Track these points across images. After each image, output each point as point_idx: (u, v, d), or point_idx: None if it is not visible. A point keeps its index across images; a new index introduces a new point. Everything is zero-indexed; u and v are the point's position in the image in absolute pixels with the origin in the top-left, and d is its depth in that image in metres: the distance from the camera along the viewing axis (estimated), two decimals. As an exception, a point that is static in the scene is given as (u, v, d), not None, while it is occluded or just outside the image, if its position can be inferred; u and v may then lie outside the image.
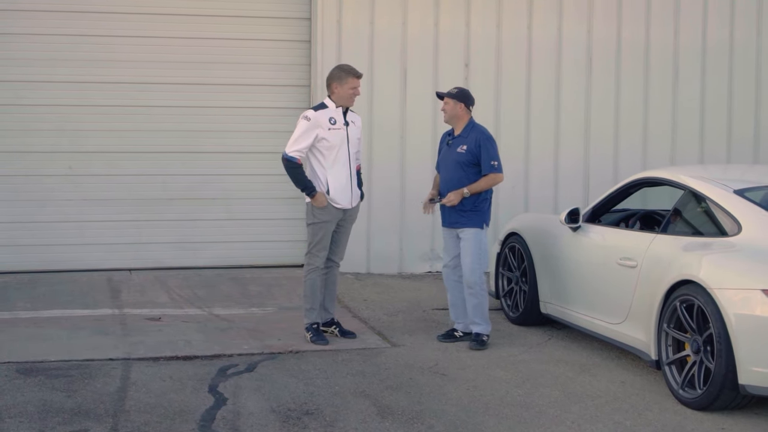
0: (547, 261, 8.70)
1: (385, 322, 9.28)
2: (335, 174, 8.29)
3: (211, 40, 11.29)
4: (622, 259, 7.61)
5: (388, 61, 11.35)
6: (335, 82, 8.30)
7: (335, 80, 8.30)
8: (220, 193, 11.43)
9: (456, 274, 8.52)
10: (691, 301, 6.72)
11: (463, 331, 8.54)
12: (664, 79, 12.16)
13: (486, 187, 8.22)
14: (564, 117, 11.93)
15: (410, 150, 11.51)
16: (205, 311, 9.49)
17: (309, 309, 8.42)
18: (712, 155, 12.32)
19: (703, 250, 6.89)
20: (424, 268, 11.69)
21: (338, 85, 8.28)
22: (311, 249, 8.37)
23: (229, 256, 11.46)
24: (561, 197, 11.89)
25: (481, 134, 8.32)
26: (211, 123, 11.35)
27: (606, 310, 7.84)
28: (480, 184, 8.21)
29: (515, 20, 11.72)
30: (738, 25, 12.31)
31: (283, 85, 11.44)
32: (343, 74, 8.30)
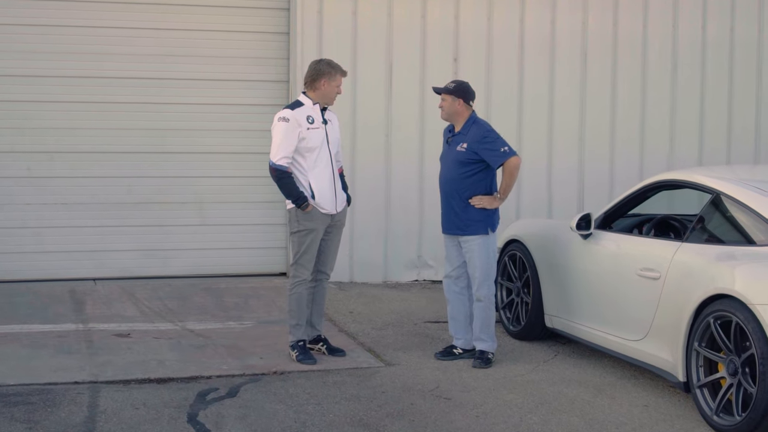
0: (554, 271, 8.00)
1: (375, 337, 8.54)
2: (317, 177, 7.56)
3: (181, 32, 10.51)
4: (643, 269, 6.91)
5: (372, 54, 10.62)
6: (325, 78, 7.57)
7: (325, 76, 7.57)
8: (192, 197, 10.66)
9: (458, 285, 7.80)
10: (728, 317, 6.04)
11: (463, 348, 7.82)
12: (662, 73, 11.53)
13: (512, 180, 7.49)
14: (558, 114, 11.26)
15: (396, 150, 10.80)
16: (177, 326, 8.71)
17: (295, 325, 7.68)
18: (711, 153, 11.71)
19: (738, 260, 6.21)
20: (410, 276, 10.96)
21: (327, 82, 7.57)
22: (298, 260, 7.63)
23: (201, 265, 10.69)
24: (555, 200, 11.23)
25: (481, 128, 7.61)
26: (182, 121, 10.58)
27: (623, 325, 7.15)
28: (505, 180, 7.49)
29: (506, 12, 11.03)
30: (738, 19, 11.70)
31: (260, 80, 10.69)
32: (333, 71, 7.60)
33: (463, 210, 7.61)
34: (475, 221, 7.59)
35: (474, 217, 7.58)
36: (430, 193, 10.76)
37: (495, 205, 7.60)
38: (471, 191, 7.59)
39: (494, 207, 7.60)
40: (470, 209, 7.58)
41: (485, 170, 7.60)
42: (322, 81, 7.55)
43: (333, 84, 7.57)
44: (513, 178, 7.53)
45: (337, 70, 7.59)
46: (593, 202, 11.29)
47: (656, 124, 11.55)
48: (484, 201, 7.57)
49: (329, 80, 7.55)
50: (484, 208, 7.56)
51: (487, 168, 7.59)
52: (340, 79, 7.61)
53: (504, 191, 7.57)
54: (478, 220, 7.59)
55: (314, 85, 7.60)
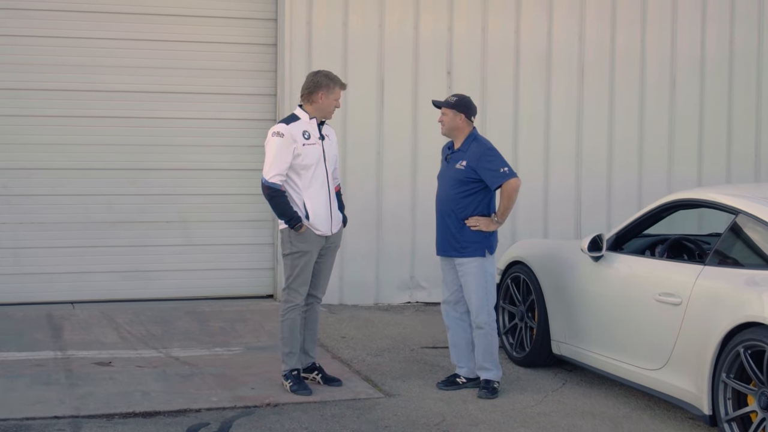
0: (561, 294, 7.58)
1: (371, 364, 8.09)
2: (312, 196, 7.13)
3: (164, 43, 10.07)
4: (662, 294, 6.50)
5: (363, 67, 10.20)
6: (323, 90, 7.13)
7: (323, 89, 7.13)
8: (175, 215, 10.18)
9: (457, 311, 7.37)
10: (760, 347, 5.64)
11: (467, 377, 7.39)
12: (661, 87, 11.18)
13: (510, 203, 7.08)
14: (554, 129, 10.88)
15: (388, 167, 10.37)
16: (161, 353, 8.23)
17: (288, 353, 7.22)
18: (710, 171, 11.35)
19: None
20: (403, 298, 10.52)
21: (325, 95, 7.14)
22: (290, 283, 7.18)
23: (185, 287, 10.22)
24: (551, 219, 10.83)
25: (482, 146, 7.20)
26: (165, 136, 10.11)
27: (639, 353, 6.73)
28: (503, 203, 7.08)
29: (501, 23, 10.66)
30: (738, 32, 11.37)
31: (246, 93, 10.25)
32: (332, 83, 7.16)
33: (459, 231, 7.20)
34: (472, 243, 7.18)
35: (470, 239, 7.17)
36: (423, 212, 10.38)
37: (492, 227, 7.19)
38: (468, 211, 7.18)
39: (491, 230, 7.19)
40: (466, 230, 7.17)
41: (484, 190, 7.19)
42: (320, 94, 7.13)
43: (331, 97, 7.15)
44: (511, 201, 7.12)
45: (335, 83, 7.17)
46: (591, 221, 10.94)
47: (655, 140, 11.20)
48: (481, 223, 7.16)
49: (327, 93, 7.13)
50: (480, 230, 7.15)
51: (486, 188, 7.18)
52: (339, 92, 7.19)
53: (502, 214, 7.17)
54: (474, 241, 7.17)
55: (311, 98, 7.18)
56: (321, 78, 7.17)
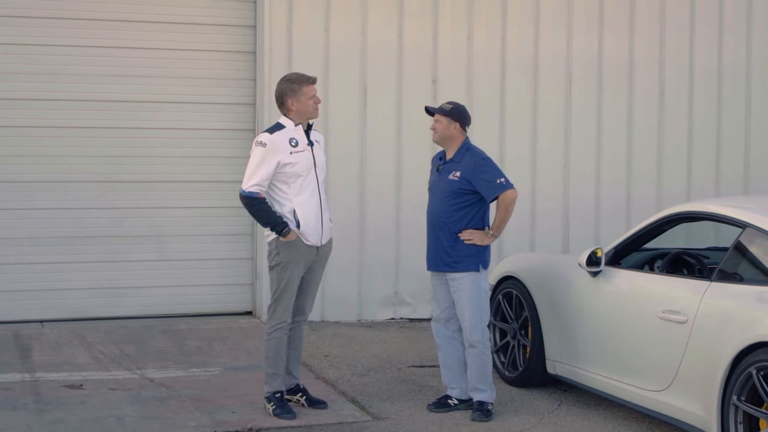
0: (557, 311, 7.25)
1: (357, 384, 7.72)
2: (302, 203, 6.76)
3: (137, 50, 9.66)
4: (666, 312, 6.18)
5: (346, 75, 9.85)
6: (289, 97, 6.77)
7: (288, 95, 6.77)
8: (149, 230, 9.78)
9: (449, 329, 7.03)
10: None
11: (459, 398, 7.04)
12: (649, 97, 10.89)
13: (507, 215, 6.77)
14: (540, 140, 10.57)
15: (371, 178, 10.02)
16: (136, 374, 7.82)
17: (272, 374, 6.85)
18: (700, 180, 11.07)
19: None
20: (386, 314, 10.16)
21: (294, 101, 6.76)
22: (277, 298, 6.81)
23: (159, 304, 9.81)
24: (538, 231, 10.49)
25: (476, 156, 6.87)
26: (139, 147, 9.71)
27: (641, 374, 6.41)
28: (499, 215, 6.75)
29: (487, 31, 10.34)
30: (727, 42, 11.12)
31: (223, 102, 9.87)
32: (295, 85, 6.78)
33: (451, 245, 6.86)
34: (465, 257, 6.84)
35: (463, 253, 6.83)
36: (407, 224, 10.05)
37: (486, 241, 6.85)
38: (462, 224, 6.85)
39: (485, 244, 6.86)
40: (459, 244, 6.83)
41: (479, 202, 6.86)
42: (289, 101, 6.77)
43: (302, 99, 6.76)
44: (508, 214, 6.79)
45: (301, 83, 6.78)
46: (579, 234, 10.64)
47: (643, 150, 10.91)
48: (475, 236, 6.82)
49: (295, 98, 6.76)
50: (474, 244, 6.82)
51: (481, 200, 6.85)
52: (310, 88, 6.77)
53: (497, 227, 6.84)
54: (468, 255, 6.83)
55: (284, 107, 6.83)
56: (283, 85, 6.82)
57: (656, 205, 10.87)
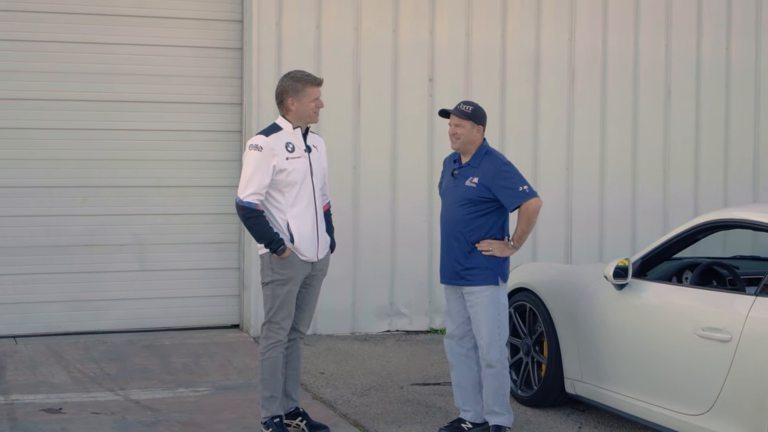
0: (577, 326, 6.71)
1: (358, 405, 7.17)
2: (298, 216, 6.23)
3: (116, 46, 9.06)
4: (706, 329, 5.66)
5: (338, 73, 9.28)
6: (290, 96, 6.22)
7: (289, 94, 6.23)
8: (130, 238, 9.17)
9: (463, 347, 6.47)
10: (838, 393, 4.82)
11: (473, 422, 6.49)
12: (655, 94, 10.39)
13: (530, 226, 6.23)
14: (543, 141, 10.05)
15: (365, 182, 9.47)
16: (119, 395, 7.24)
17: (269, 398, 6.29)
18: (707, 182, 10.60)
19: None
20: (382, 326, 9.60)
21: (295, 101, 6.22)
22: (271, 317, 6.26)
23: (141, 317, 9.21)
24: (540, 237, 9.95)
25: (496, 161, 6.32)
26: (118, 149, 9.11)
27: (677, 396, 5.88)
28: (521, 225, 6.21)
29: (486, 27, 9.81)
30: (735, 38, 10.66)
31: (208, 102, 9.28)
32: (299, 84, 6.24)
33: (466, 256, 6.30)
34: (483, 269, 6.28)
35: (481, 264, 6.28)
36: (403, 230, 9.56)
37: (507, 253, 6.31)
38: (480, 234, 6.29)
39: (505, 256, 6.32)
40: (476, 254, 6.28)
41: (499, 210, 6.31)
42: (289, 100, 6.23)
43: (304, 100, 6.23)
44: (531, 224, 6.25)
45: (305, 83, 6.24)
46: (582, 237, 10.15)
47: (649, 150, 10.42)
48: (494, 247, 6.27)
49: (297, 98, 6.21)
50: (493, 255, 6.27)
51: (500, 208, 6.30)
52: (314, 90, 6.25)
53: (519, 238, 6.29)
54: (486, 267, 6.28)
55: (283, 106, 6.29)
56: (286, 82, 6.27)
57: (662, 208, 10.42)
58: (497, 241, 6.26)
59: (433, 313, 9.70)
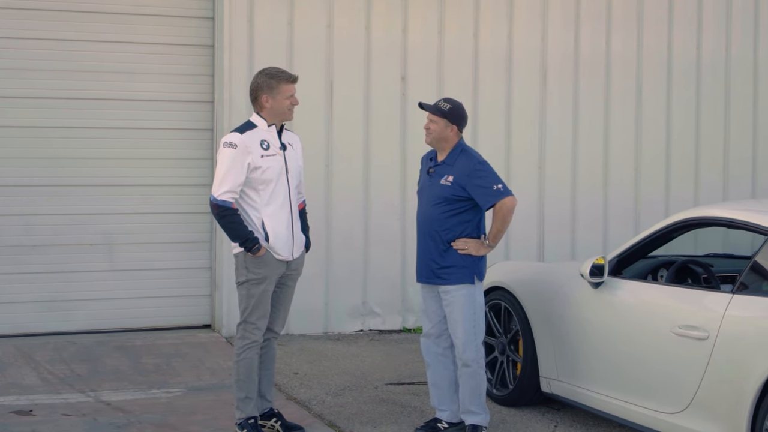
0: (553, 325, 6.70)
1: (333, 405, 7.12)
2: (273, 214, 6.17)
3: (85, 43, 8.93)
4: (683, 327, 5.66)
5: (311, 71, 9.20)
6: (264, 93, 6.16)
7: (264, 91, 6.16)
8: (100, 237, 9.04)
9: (440, 346, 6.44)
10: (816, 391, 4.83)
11: (449, 422, 6.46)
12: (627, 93, 10.40)
13: (505, 225, 6.18)
14: (515, 139, 10.03)
15: (338, 181, 9.41)
16: (90, 397, 7.14)
17: (244, 399, 6.22)
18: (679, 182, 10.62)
19: (823, 320, 5.01)
20: (354, 326, 9.55)
21: (269, 98, 6.15)
22: (247, 317, 6.19)
23: (111, 317, 9.09)
24: (513, 236, 9.89)
25: (472, 159, 6.28)
26: (88, 148, 8.98)
27: (653, 394, 5.88)
28: (496, 224, 6.16)
29: (459, 25, 9.77)
30: (706, 37, 10.68)
31: (179, 100, 9.17)
32: (273, 81, 6.18)
33: (442, 255, 6.26)
34: (459, 267, 6.25)
35: (456, 263, 6.24)
36: (376, 229, 9.51)
37: (482, 252, 6.27)
38: (455, 233, 6.25)
39: (481, 254, 6.28)
40: (452, 253, 6.24)
41: (473, 209, 6.27)
42: (264, 97, 6.16)
43: (279, 97, 6.16)
44: (506, 223, 6.21)
45: (279, 80, 6.18)
46: (555, 237, 10.14)
47: (621, 149, 10.42)
48: (470, 245, 6.24)
49: (271, 95, 6.15)
50: (469, 254, 6.24)
51: (476, 206, 6.27)
52: (289, 87, 6.19)
53: (494, 237, 6.24)
54: (461, 266, 6.24)
55: (257, 103, 6.23)
56: (260, 79, 6.21)
57: (634, 207, 10.44)
58: (473, 240, 6.22)
59: (407, 313, 9.66)
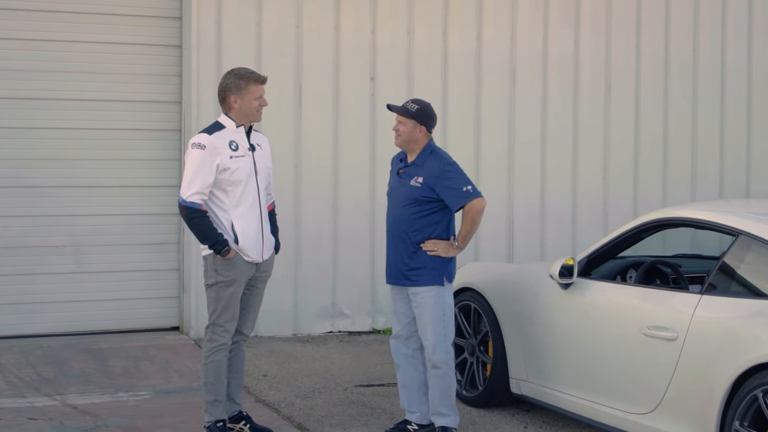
0: (522, 326, 6.70)
1: (302, 408, 7.08)
2: (242, 216, 6.13)
3: (51, 43, 8.85)
4: (652, 328, 5.67)
5: (279, 71, 9.13)
6: (233, 93, 6.12)
7: (232, 91, 6.12)
8: (66, 239, 8.96)
9: (409, 347, 6.41)
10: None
11: (419, 423, 6.44)
12: (596, 93, 10.43)
13: (474, 226, 6.16)
14: (485, 139, 10.02)
15: (307, 182, 9.38)
16: (56, 400, 7.07)
17: (212, 402, 6.17)
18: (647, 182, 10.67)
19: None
20: (324, 327, 9.51)
21: (237, 98, 6.11)
22: (215, 319, 6.15)
23: (78, 320, 9.00)
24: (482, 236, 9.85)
25: (441, 161, 6.26)
26: (53, 149, 8.90)
27: (623, 395, 5.89)
28: (465, 226, 6.15)
29: (428, 26, 9.76)
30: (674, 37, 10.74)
31: (147, 100, 9.10)
32: (242, 82, 6.13)
33: (411, 256, 6.24)
34: (428, 269, 6.23)
35: (426, 264, 6.22)
36: (344, 229, 9.48)
37: (452, 253, 6.25)
38: (424, 234, 6.23)
39: (450, 256, 6.26)
40: (421, 255, 6.22)
41: (443, 210, 6.26)
42: (232, 98, 6.12)
43: (247, 98, 6.12)
44: (475, 224, 6.19)
45: (248, 80, 6.14)
46: (524, 238, 10.16)
47: (589, 148, 10.44)
48: (439, 247, 6.22)
49: (240, 95, 6.11)
50: (438, 255, 6.22)
51: (445, 207, 6.25)
52: (258, 88, 6.15)
53: (464, 238, 6.23)
54: (431, 267, 6.22)
55: (226, 104, 6.18)
56: (229, 79, 6.17)
57: (603, 207, 10.47)
58: (442, 241, 6.21)
59: (376, 314, 9.64)
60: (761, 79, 11.08)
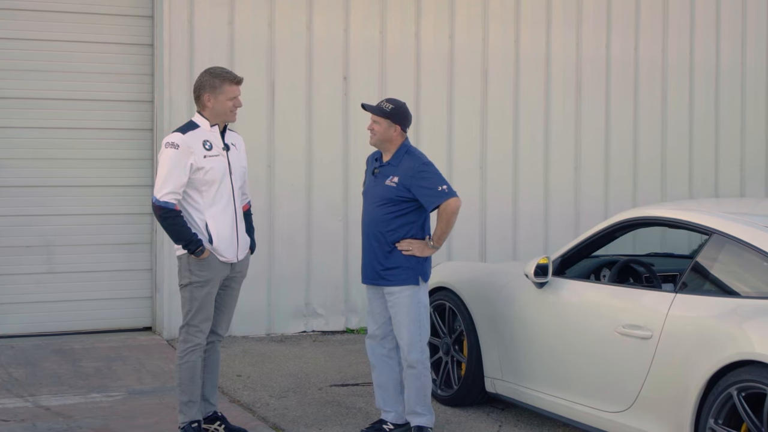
0: (497, 325, 6.71)
1: (277, 408, 7.06)
2: (216, 216, 6.09)
3: (21, 42, 8.82)
4: (627, 326, 5.70)
5: (252, 71, 9.12)
6: (207, 92, 6.09)
7: (206, 90, 6.09)
8: (37, 239, 8.91)
9: (385, 347, 6.41)
10: (759, 389, 4.88)
11: (395, 423, 6.43)
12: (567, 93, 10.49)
13: (449, 226, 6.16)
14: (457, 139, 10.06)
15: (280, 182, 9.36)
16: (28, 402, 7.00)
17: (187, 402, 6.13)
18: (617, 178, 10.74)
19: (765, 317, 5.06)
20: (297, 327, 9.50)
21: (211, 97, 6.08)
22: (189, 320, 6.11)
23: (49, 321, 8.95)
24: (455, 236, 9.88)
25: (416, 160, 6.26)
26: (23, 148, 8.86)
27: (598, 393, 5.91)
28: (440, 225, 6.15)
29: (400, 25, 9.78)
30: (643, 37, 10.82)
31: (119, 99, 9.07)
32: (217, 81, 6.10)
33: (386, 256, 6.24)
34: (403, 269, 6.22)
35: (401, 264, 6.21)
36: (318, 229, 9.46)
37: (427, 253, 6.25)
38: (400, 234, 6.22)
39: (425, 255, 6.26)
40: (396, 254, 6.22)
41: (419, 210, 6.26)
42: (206, 96, 6.09)
43: (221, 98, 6.09)
44: (450, 224, 6.19)
45: (223, 80, 6.10)
46: (496, 237, 10.19)
47: (560, 148, 10.50)
48: (414, 247, 6.22)
49: (214, 94, 6.08)
50: (414, 255, 6.22)
51: (420, 207, 6.25)
52: (233, 88, 6.11)
53: (439, 238, 6.23)
54: (406, 267, 6.22)
55: (199, 103, 6.15)
56: (204, 78, 6.13)
57: (574, 206, 10.51)
58: (417, 241, 6.21)
59: (350, 313, 9.63)
60: (733, 77, 11.20)
